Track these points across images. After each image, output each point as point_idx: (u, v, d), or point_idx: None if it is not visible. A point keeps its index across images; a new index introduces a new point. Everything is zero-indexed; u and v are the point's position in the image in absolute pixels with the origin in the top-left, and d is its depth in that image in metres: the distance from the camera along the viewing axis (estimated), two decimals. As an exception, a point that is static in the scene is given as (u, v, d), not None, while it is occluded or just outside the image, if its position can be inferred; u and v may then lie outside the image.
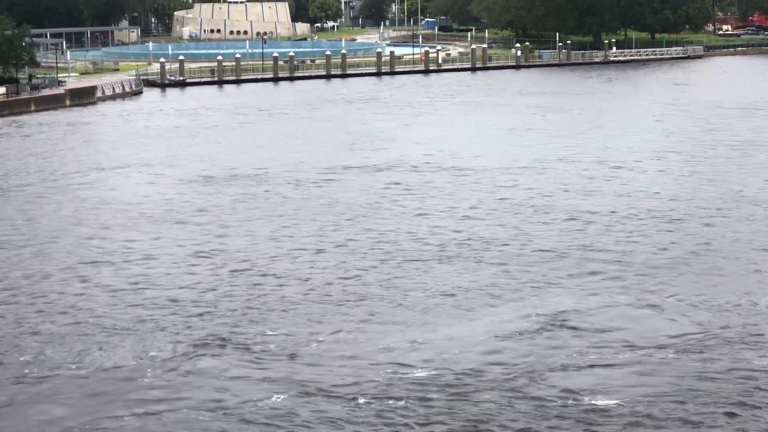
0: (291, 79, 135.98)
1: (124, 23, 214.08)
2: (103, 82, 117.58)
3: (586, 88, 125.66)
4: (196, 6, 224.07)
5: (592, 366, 30.06)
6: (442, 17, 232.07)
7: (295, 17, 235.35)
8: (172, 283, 39.08)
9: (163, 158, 69.61)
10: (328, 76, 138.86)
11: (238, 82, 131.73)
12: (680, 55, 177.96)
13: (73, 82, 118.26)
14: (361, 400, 27.71)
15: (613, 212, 50.67)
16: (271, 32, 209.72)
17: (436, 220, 49.36)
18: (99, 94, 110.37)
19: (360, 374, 29.52)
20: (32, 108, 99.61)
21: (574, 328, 33.32)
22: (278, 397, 27.94)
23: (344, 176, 61.71)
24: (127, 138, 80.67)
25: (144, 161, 68.37)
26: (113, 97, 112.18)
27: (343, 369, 30.00)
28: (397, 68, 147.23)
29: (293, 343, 32.17)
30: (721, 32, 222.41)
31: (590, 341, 32.15)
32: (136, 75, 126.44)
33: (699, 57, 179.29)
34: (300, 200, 54.65)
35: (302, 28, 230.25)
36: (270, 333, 33.20)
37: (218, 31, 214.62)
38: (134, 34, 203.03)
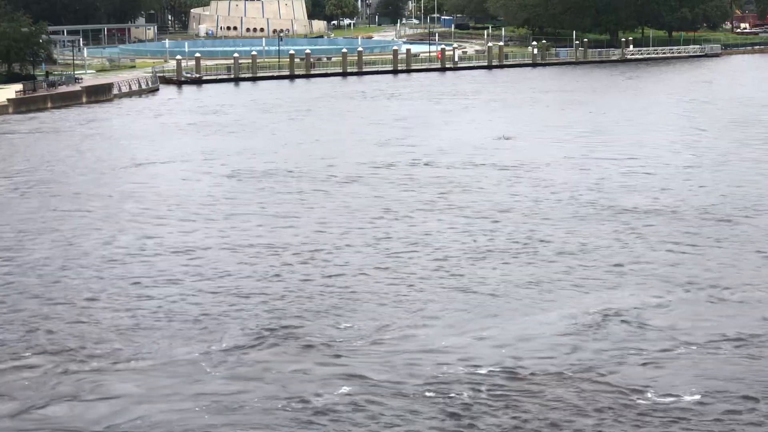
0: (307, 76, 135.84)
1: (141, 20, 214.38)
2: (119, 79, 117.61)
3: (611, 86, 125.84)
4: (213, 3, 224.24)
5: (648, 362, 29.99)
6: (458, 15, 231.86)
7: (312, 15, 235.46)
8: (229, 275, 39.24)
9: (199, 153, 69.79)
10: (345, 74, 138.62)
11: (254, 79, 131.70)
12: (698, 54, 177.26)
13: (89, 79, 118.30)
14: (421, 395, 27.65)
15: (661, 208, 50.79)
16: (288, 30, 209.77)
17: (487, 216, 49.32)
18: (115, 91, 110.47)
19: (418, 369, 29.47)
20: (49, 105, 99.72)
21: (630, 324, 33.26)
22: (338, 392, 27.91)
23: (390, 172, 61.79)
24: (156, 134, 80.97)
25: (180, 156, 68.57)
26: (129, 94, 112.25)
27: (400, 364, 29.96)
28: (414, 66, 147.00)
29: (352, 338, 32.19)
30: (738, 30, 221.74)
31: (647, 337, 32.11)
32: (152, 72, 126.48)
33: (716, 55, 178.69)
34: (349, 195, 54.81)
35: (318, 25, 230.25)
36: (328, 327, 33.20)
37: (235, 28, 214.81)
38: (151, 31, 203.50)
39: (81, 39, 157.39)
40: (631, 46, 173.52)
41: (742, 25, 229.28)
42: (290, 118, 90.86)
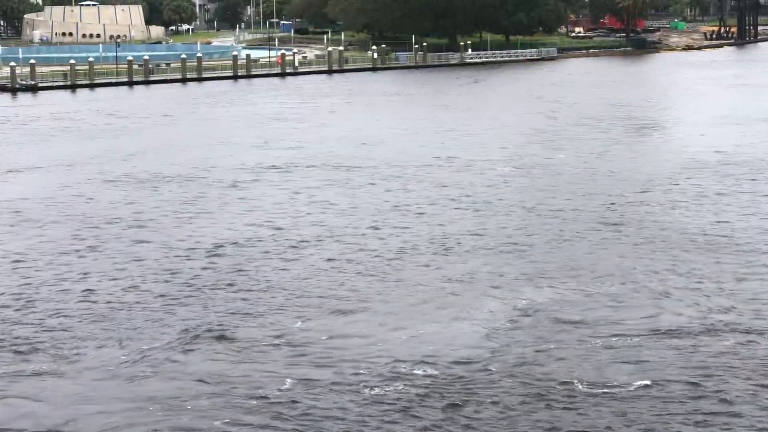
0: (146, 83, 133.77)
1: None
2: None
3: (462, 89, 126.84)
4: (47, 9, 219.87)
5: (581, 354, 30.29)
6: (297, 20, 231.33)
7: (149, 20, 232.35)
8: (149, 278, 38.84)
9: (70, 160, 67.98)
10: (184, 80, 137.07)
11: (91, 86, 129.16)
12: (535, 57, 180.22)
13: None
14: (357, 392, 27.54)
15: (558, 203, 52.07)
16: (125, 35, 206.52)
17: (393, 214, 49.86)
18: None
19: (351, 366, 29.41)
20: None
21: (552, 318, 33.59)
22: (269, 392, 27.63)
23: (280, 174, 61.56)
24: (5, 142, 78.41)
25: (47, 164, 66.55)
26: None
27: (332, 361, 29.89)
28: (254, 71, 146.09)
29: (280, 335, 32.02)
30: (573, 34, 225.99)
31: (571, 330, 32.44)
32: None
33: (553, 59, 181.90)
34: (250, 197, 54.59)
35: (156, 31, 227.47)
36: (254, 326, 32.98)
37: (70, 34, 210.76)
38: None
39: None
40: (470, 50, 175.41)
41: (577, 29, 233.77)
42: (155, 123, 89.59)
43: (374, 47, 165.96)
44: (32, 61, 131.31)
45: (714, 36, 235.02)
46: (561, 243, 43.82)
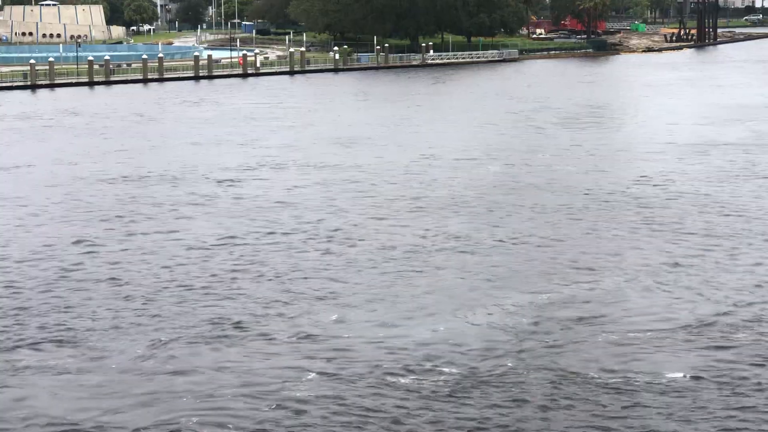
0: (107, 83, 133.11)
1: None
2: None
3: (430, 89, 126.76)
4: (7, 8, 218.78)
5: (605, 347, 30.22)
6: (259, 20, 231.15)
7: (110, 20, 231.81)
8: (147, 275, 38.42)
9: (48, 159, 67.28)
10: (145, 80, 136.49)
11: (51, 86, 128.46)
12: (496, 58, 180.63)
13: None
14: (378, 390, 27.23)
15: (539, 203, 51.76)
16: (86, 35, 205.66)
17: (400, 210, 49.67)
18: None
19: (370, 362, 29.13)
20: None
21: (572, 314, 33.39)
22: (292, 385, 27.43)
23: (275, 173, 61.14)
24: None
25: (20, 163, 65.67)
26: None
27: (352, 357, 29.63)
28: (215, 72, 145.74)
29: (302, 331, 31.73)
30: (534, 36, 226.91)
31: (591, 324, 32.31)
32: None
33: (514, 60, 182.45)
34: (242, 195, 54.02)
35: (117, 31, 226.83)
36: (271, 320, 32.80)
37: (30, 34, 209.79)
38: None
39: None
40: (431, 51, 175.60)
41: (538, 30, 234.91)
42: (125, 124, 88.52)
43: (336, 48, 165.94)
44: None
45: (674, 38, 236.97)
46: (564, 238, 43.70)
